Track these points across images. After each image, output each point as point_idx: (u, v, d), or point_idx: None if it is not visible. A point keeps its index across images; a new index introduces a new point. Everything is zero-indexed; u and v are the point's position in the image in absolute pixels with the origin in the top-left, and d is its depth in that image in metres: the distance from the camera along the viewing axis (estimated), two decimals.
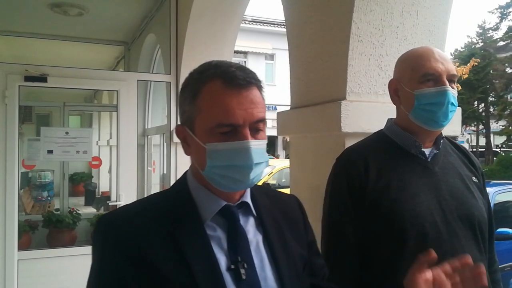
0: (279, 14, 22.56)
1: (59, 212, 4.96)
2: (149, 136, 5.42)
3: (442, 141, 1.47)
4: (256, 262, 1.00)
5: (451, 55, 27.38)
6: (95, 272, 0.96)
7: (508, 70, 25.01)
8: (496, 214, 2.05)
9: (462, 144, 1.80)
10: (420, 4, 1.95)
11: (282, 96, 18.92)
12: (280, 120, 2.36)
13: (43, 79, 3.63)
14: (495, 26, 26.68)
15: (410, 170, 1.41)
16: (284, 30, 2.41)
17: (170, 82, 4.30)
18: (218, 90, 0.95)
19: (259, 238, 1.04)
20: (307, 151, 2.14)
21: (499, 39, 26.26)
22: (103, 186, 10.40)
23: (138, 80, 4.15)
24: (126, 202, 1.18)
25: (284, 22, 2.37)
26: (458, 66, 20.55)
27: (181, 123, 1.04)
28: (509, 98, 25.74)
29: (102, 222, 1.00)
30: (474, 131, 29.15)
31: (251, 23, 20.91)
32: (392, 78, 1.53)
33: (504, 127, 25.17)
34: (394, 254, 1.34)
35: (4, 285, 3.44)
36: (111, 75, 4.95)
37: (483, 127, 27.31)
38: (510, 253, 4.24)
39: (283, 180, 10.87)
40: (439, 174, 1.42)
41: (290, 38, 2.29)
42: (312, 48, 2.08)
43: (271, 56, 22.66)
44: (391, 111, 1.56)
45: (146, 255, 0.92)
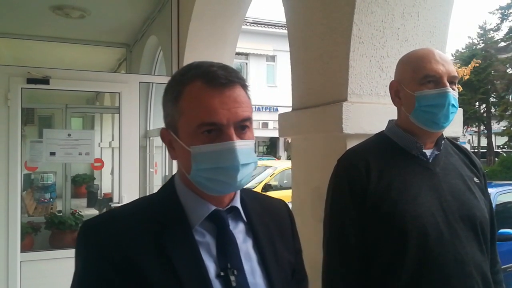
0: (280, 16, 22.59)
1: (61, 214, 4.96)
2: (151, 138, 5.43)
3: (443, 142, 1.48)
4: (246, 268, 0.97)
5: (452, 56, 27.37)
6: (77, 281, 0.93)
7: (509, 71, 24.97)
8: (498, 215, 2.06)
9: (463, 145, 1.81)
10: (421, 5, 1.95)
11: (284, 98, 18.98)
12: (281, 122, 2.36)
13: (45, 81, 3.64)
14: (496, 27, 26.66)
15: (411, 171, 1.41)
16: (285, 31, 2.42)
17: None
18: (200, 90, 0.93)
19: (249, 244, 1.02)
20: (309, 153, 2.15)
21: (500, 40, 26.24)
22: (105, 187, 10.39)
23: (140, 82, 4.15)
24: None
25: (285, 23, 2.37)
26: (459, 67, 20.52)
27: (165, 126, 1.01)
28: (510, 98, 25.67)
29: (84, 228, 0.96)
30: (476, 132, 29.10)
31: (252, 24, 20.93)
32: (393, 79, 1.54)
33: (505, 128, 25.13)
34: (395, 255, 1.34)
35: (7, 286, 3.45)
36: (113, 77, 4.96)
37: (484, 128, 27.28)
38: None
39: (284, 182, 10.86)
40: (441, 175, 1.42)
41: (291, 40, 2.30)
42: (313, 50, 2.09)
43: (272, 58, 22.68)
44: (392, 112, 1.56)
45: (131, 262, 0.89)
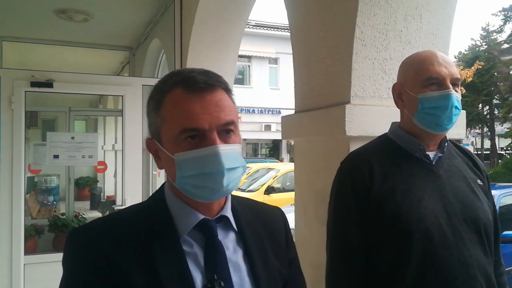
0: (283, 19, 22.56)
1: (65, 217, 4.98)
2: None
3: (446, 144, 1.48)
4: (234, 279, 0.95)
5: (455, 58, 27.32)
6: (62, 285, 0.92)
7: None
8: (501, 217, 2.05)
9: (466, 147, 1.80)
10: (424, 7, 1.95)
11: (286, 100, 19.01)
12: (284, 124, 2.36)
13: (49, 84, 3.65)
14: (499, 29, 26.60)
15: (414, 174, 1.41)
16: (288, 34, 2.42)
17: None
18: (180, 96, 0.92)
19: (239, 254, 0.99)
20: (312, 155, 2.15)
21: (503, 42, 26.18)
22: (109, 190, 10.40)
23: (143, 85, 4.16)
24: None
25: (288, 26, 2.38)
26: (462, 69, 20.47)
27: (150, 136, 1.00)
28: None
29: (70, 234, 0.95)
30: (479, 133, 29.01)
31: (255, 27, 20.97)
32: (395, 82, 1.54)
33: (509, 130, 25.04)
34: (399, 257, 1.34)
35: None
36: (116, 80, 4.97)
37: (487, 129, 27.19)
38: None
39: (287, 184, 10.86)
40: (444, 177, 1.42)
41: (294, 42, 2.30)
42: (316, 52, 2.09)
43: (275, 60, 22.70)
44: (395, 114, 1.56)
45: (115, 269, 0.88)
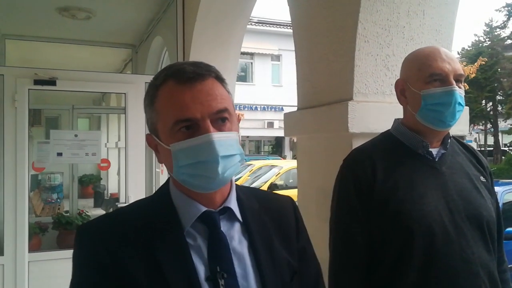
0: (285, 15, 22.57)
1: (68, 214, 4.98)
2: None
3: (449, 141, 1.47)
4: (238, 271, 0.95)
5: (458, 54, 27.22)
6: (71, 281, 0.94)
7: None
8: (504, 214, 2.05)
9: (470, 143, 1.80)
10: (427, 3, 1.94)
11: (289, 97, 18.96)
12: (287, 121, 2.36)
13: (52, 82, 3.66)
14: (503, 25, 26.50)
15: (417, 170, 1.41)
16: (290, 31, 2.42)
17: None
18: (171, 89, 0.93)
19: (244, 246, 0.99)
20: (314, 152, 2.15)
21: (506, 38, 26.07)
22: (112, 188, 10.43)
23: (145, 82, 4.15)
24: None
25: (290, 23, 2.38)
26: (465, 65, 20.41)
27: (149, 132, 1.02)
28: None
29: (78, 231, 0.97)
30: (482, 130, 28.92)
31: (257, 24, 20.93)
32: (398, 78, 1.53)
33: None
34: (401, 255, 1.34)
35: (15, 286, 3.47)
36: (119, 77, 4.97)
37: (491, 126, 27.11)
38: None
39: (290, 181, 10.87)
40: (447, 174, 1.42)
41: (297, 39, 2.30)
42: (318, 49, 2.09)
43: (277, 57, 22.66)
44: (398, 111, 1.56)
45: (122, 266, 0.90)
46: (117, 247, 0.92)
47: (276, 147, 25.06)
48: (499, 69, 25.21)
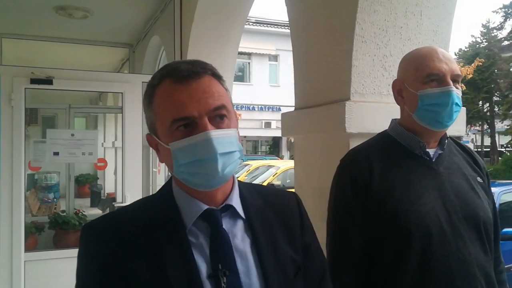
0: (282, 15, 22.54)
1: (65, 214, 4.97)
2: None
3: (446, 141, 1.47)
4: (241, 268, 0.95)
5: (455, 55, 27.29)
6: (76, 281, 0.96)
7: None
8: (501, 214, 2.05)
9: (466, 144, 1.80)
10: (424, 4, 1.95)
11: (286, 97, 18.99)
12: (284, 121, 2.36)
13: (49, 81, 3.64)
14: (500, 26, 26.60)
15: (414, 171, 1.41)
16: (288, 31, 2.42)
17: None
18: (168, 88, 0.94)
19: (247, 243, 0.99)
20: (312, 152, 2.15)
21: (503, 39, 26.17)
22: (109, 187, 10.42)
23: (142, 82, 4.15)
24: None
25: (288, 23, 2.37)
26: (462, 66, 20.47)
27: (149, 131, 1.03)
28: None
29: (83, 230, 0.98)
30: (479, 131, 29.01)
31: (255, 24, 20.92)
32: (396, 78, 1.53)
33: (509, 127, 25.07)
34: (399, 255, 1.34)
35: (11, 286, 3.46)
36: (116, 77, 4.97)
37: (488, 127, 27.20)
38: None
39: (287, 181, 10.86)
40: (444, 174, 1.42)
41: (294, 39, 2.29)
42: (316, 49, 2.09)
43: (275, 57, 22.67)
44: (395, 111, 1.56)
45: (124, 265, 0.91)
46: (119, 247, 0.93)
47: (274, 147, 25.06)
48: (496, 70, 25.29)
